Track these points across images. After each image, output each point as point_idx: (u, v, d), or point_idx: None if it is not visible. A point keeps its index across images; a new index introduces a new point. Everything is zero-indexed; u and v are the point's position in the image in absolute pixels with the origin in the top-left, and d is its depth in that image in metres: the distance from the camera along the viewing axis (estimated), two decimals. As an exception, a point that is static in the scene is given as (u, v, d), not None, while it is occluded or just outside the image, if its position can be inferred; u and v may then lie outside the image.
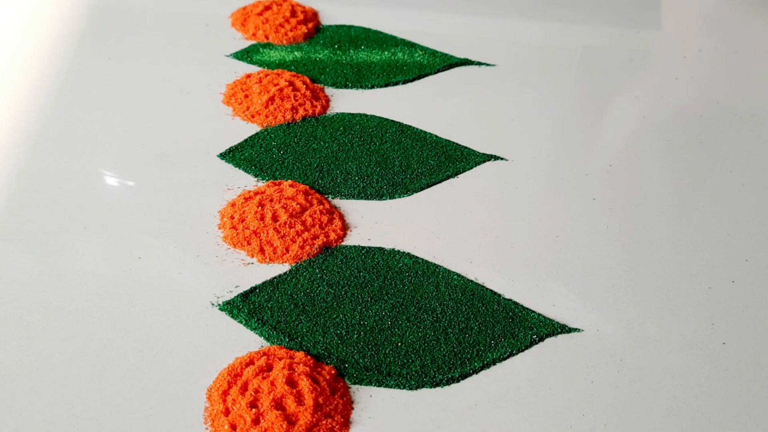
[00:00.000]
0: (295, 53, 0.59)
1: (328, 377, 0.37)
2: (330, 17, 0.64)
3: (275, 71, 0.57)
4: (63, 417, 0.35)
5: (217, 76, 0.57)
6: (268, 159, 0.50)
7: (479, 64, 0.59)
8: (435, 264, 0.43)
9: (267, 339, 0.39)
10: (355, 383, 0.37)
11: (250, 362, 0.37)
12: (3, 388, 0.36)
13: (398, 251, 0.44)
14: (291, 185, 0.47)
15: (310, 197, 0.46)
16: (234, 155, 0.50)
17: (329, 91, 0.56)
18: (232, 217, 0.45)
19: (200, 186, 0.48)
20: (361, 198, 0.47)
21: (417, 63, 0.59)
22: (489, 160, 0.50)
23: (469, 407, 0.36)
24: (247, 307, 0.40)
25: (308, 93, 0.55)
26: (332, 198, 0.47)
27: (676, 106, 0.56)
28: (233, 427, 0.34)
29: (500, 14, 0.65)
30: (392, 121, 0.53)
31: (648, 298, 0.42)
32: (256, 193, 0.46)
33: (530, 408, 0.36)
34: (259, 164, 0.49)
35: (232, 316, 0.40)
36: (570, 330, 0.40)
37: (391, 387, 0.37)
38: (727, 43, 0.65)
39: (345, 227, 0.45)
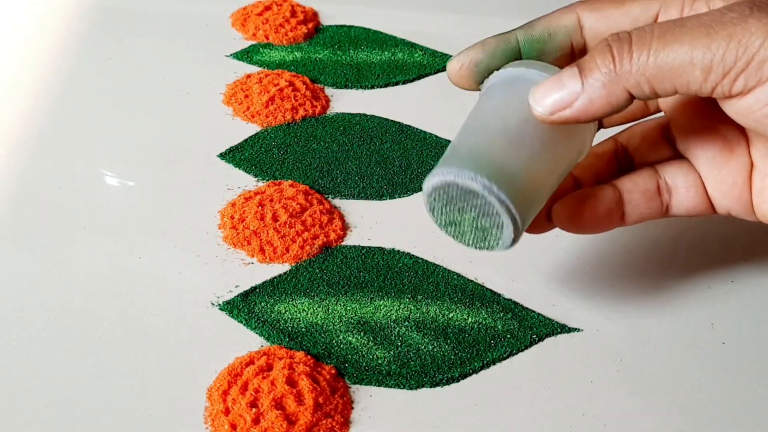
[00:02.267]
0: (295, 53, 0.59)
1: (328, 377, 0.37)
2: (330, 17, 0.64)
3: (275, 71, 0.57)
4: (63, 417, 0.35)
5: (217, 76, 0.57)
6: (268, 159, 0.50)
7: (479, 64, 0.59)
8: (435, 264, 0.43)
9: (267, 339, 0.39)
10: (355, 383, 0.37)
11: (250, 362, 0.37)
12: (3, 387, 0.36)
13: (398, 251, 0.44)
14: (291, 185, 0.47)
15: (310, 197, 0.46)
16: (234, 155, 0.50)
17: (329, 91, 0.56)
18: (232, 217, 0.45)
19: (200, 186, 0.48)
20: (361, 198, 0.47)
21: (417, 63, 0.59)
22: (489, 160, 0.50)
23: (469, 407, 0.36)
24: (247, 307, 0.40)
25: (308, 93, 0.55)
26: (332, 198, 0.47)
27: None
28: (233, 426, 0.34)
29: (501, 14, 0.65)
30: (392, 121, 0.53)
31: (648, 298, 0.42)
32: (256, 193, 0.46)
33: (530, 408, 0.36)
34: (259, 164, 0.49)
35: (232, 316, 0.40)
36: (570, 330, 0.40)
37: (391, 387, 0.37)
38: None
39: (345, 227, 0.45)
